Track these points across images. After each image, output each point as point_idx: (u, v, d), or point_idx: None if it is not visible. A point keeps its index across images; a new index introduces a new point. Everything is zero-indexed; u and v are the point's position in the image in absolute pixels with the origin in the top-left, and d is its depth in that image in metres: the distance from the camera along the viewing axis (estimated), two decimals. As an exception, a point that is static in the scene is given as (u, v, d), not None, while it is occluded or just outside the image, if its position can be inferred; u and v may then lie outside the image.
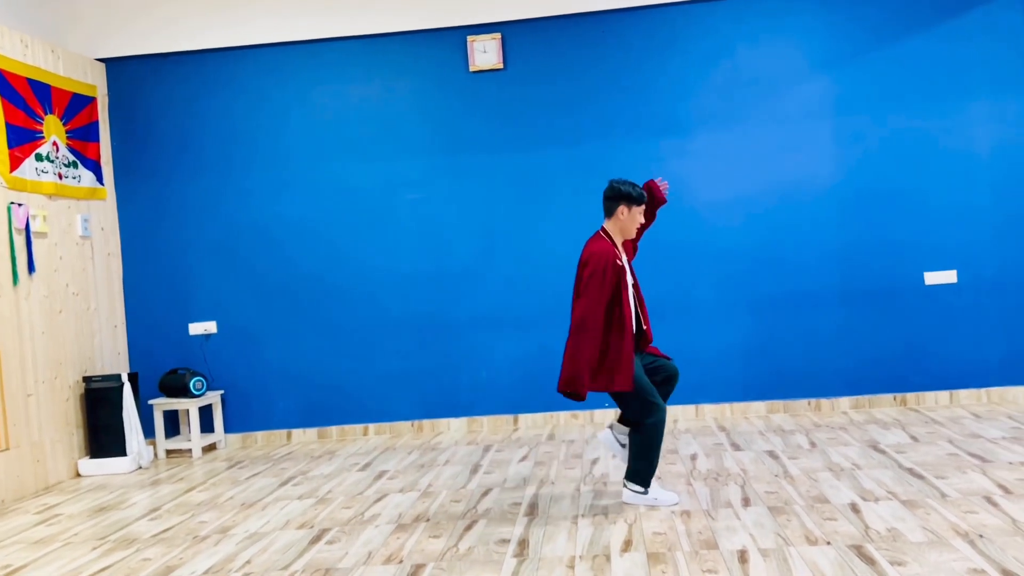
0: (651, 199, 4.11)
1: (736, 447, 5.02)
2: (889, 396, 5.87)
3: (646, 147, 5.99)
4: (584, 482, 4.46)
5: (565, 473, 4.67)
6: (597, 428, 5.87)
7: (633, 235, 4.03)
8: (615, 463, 4.81)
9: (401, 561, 3.45)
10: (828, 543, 3.27)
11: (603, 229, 4.04)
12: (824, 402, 5.92)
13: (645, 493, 3.95)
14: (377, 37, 6.13)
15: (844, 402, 5.91)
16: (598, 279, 3.82)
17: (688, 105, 5.97)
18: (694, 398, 6.00)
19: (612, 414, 6.04)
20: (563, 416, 6.06)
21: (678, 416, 6.00)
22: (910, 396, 5.85)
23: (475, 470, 4.91)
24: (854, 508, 3.68)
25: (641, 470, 3.94)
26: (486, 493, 4.39)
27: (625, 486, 3.99)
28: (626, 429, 4.06)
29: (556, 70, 6.03)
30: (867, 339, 5.88)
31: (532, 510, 4.02)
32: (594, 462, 4.88)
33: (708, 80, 5.97)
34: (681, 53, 5.97)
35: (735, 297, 5.97)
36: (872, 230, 5.87)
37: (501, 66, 6.02)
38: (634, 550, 3.37)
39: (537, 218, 6.07)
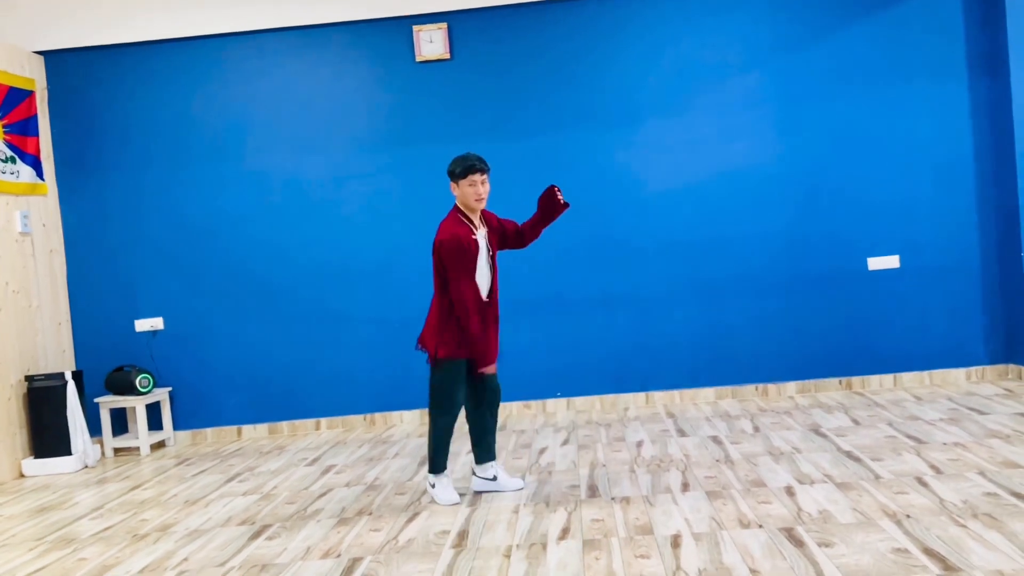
0: (551, 205, 4.04)
1: (682, 433, 5.07)
2: (835, 380, 5.95)
3: (594, 138, 6.01)
4: (530, 471, 4.47)
5: (511, 463, 4.69)
6: (549, 417, 5.90)
7: (475, 207, 3.97)
8: (563, 451, 4.84)
9: (339, 555, 3.44)
10: (760, 526, 3.32)
11: (455, 207, 4.04)
12: (771, 387, 6.00)
13: (433, 486, 4.07)
14: (322, 27, 6.07)
15: (791, 387, 5.99)
16: (454, 261, 3.87)
17: (635, 96, 6.00)
18: (644, 386, 6.05)
19: (555, 405, 6.07)
20: (515, 406, 6.08)
21: (628, 404, 6.05)
22: (855, 380, 5.94)
23: (424, 462, 4.90)
24: (789, 491, 3.74)
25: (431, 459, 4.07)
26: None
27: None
28: (487, 465, 4.13)
29: (503, 60, 6.02)
30: (812, 324, 5.97)
31: (476, 500, 4.03)
32: (542, 451, 4.90)
33: (654, 71, 5.99)
34: (627, 44, 5.99)
35: (683, 286, 6.02)
36: (815, 217, 5.94)
37: (448, 56, 6.00)
38: (571, 538, 3.39)
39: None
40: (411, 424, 6.08)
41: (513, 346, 6.02)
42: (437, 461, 4.05)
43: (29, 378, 5.59)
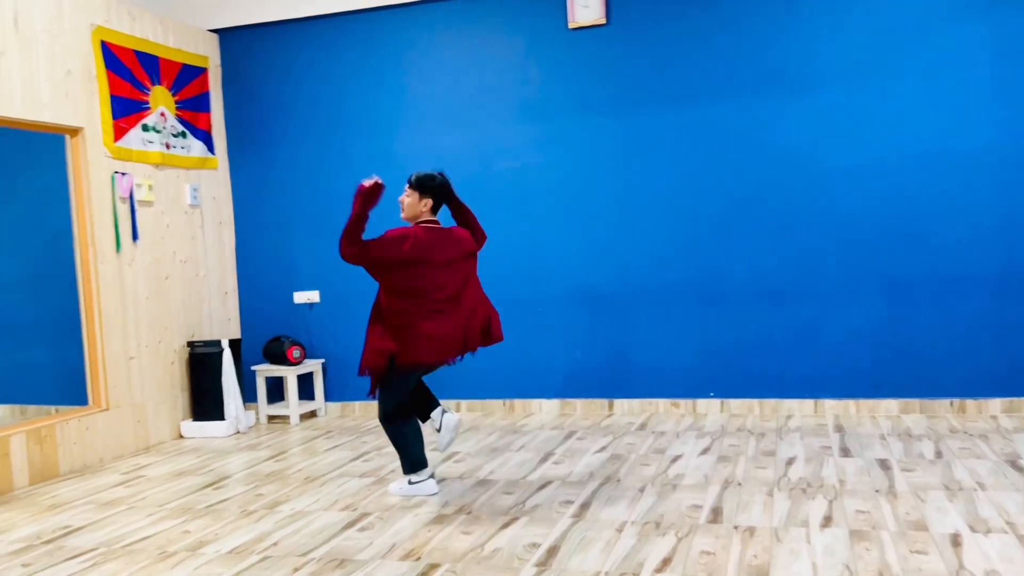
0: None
1: (845, 452, 4.38)
2: (1053, 400, 4.95)
3: (767, 105, 5.34)
4: (652, 483, 4.02)
5: (637, 471, 4.25)
6: (698, 419, 5.36)
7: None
8: (698, 461, 4.33)
9: (419, 558, 3.21)
10: (902, 585, 2.70)
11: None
12: (970, 403, 5.09)
13: (410, 484, 4.06)
14: (476, -4, 5.83)
15: (995, 404, 5.05)
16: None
17: (816, 57, 5.25)
18: (813, 392, 5.35)
19: (707, 406, 5.51)
20: (662, 403, 5.59)
21: (793, 411, 5.38)
22: (1080, 402, 4.91)
23: (545, 459, 4.58)
24: (955, 540, 3.05)
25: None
26: (544, 486, 4.07)
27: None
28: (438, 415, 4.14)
29: (665, 23, 5.48)
30: (1029, 332, 4.99)
31: (582, 511, 3.66)
32: (675, 459, 4.42)
33: (840, 28, 5.21)
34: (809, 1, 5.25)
35: (866, 278, 5.23)
36: (1039, 203, 4.94)
37: (604, 21, 5.55)
38: (670, 571, 2.94)
39: (640, 188, 5.57)
40: (549, 414, 5.77)
41: (659, 336, 5.53)
42: (412, 458, 4.11)
43: (191, 344, 5.85)
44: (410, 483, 4.04)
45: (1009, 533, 3.09)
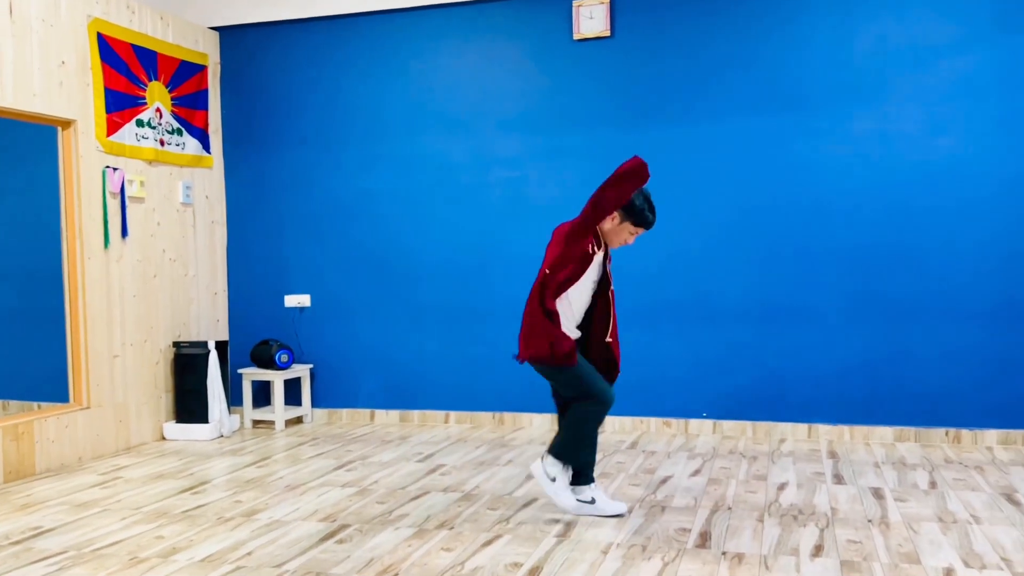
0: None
1: (838, 479, 4.29)
2: (1050, 434, 4.87)
3: (767, 125, 5.28)
4: (640, 504, 3.93)
5: (625, 491, 4.16)
6: (690, 439, 5.27)
7: (613, 244, 3.75)
8: (689, 483, 4.24)
9: (396, 575, 3.11)
10: (894, 622, 2.61)
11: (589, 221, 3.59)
12: (965, 433, 5.01)
13: (552, 480, 3.69)
14: (477, 4, 5.77)
15: (991, 435, 4.97)
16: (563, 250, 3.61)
17: (819, 78, 5.19)
18: (807, 416, 5.26)
19: (699, 427, 5.42)
20: (654, 422, 5.50)
21: (786, 435, 5.29)
22: (1077, 436, 4.83)
23: (533, 475, 4.48)
24: (948, 575, 2.96)
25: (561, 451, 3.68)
26: (529, 503, 3.97)
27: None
28: (556, 461, 3.69)
29: (669, 38, 5.42)
30: (1028, 363, 4.91)
31: (567, 530, 3.57)
32: (664, 480, 4.33)
33: (844, 50, 5.15)
34: (813, 17, 5.19)
35: (864, 303, 5.16)
36: (1042, 233, 4.87)
37: (608, 33, 5.49)
38: (654, 597, 2.85)
39: (640, 203, 5.49)
40: (539, 429, 5.67)
41: (652, 354, 5.45)
42: (581, 453, 3.69)
43: (177, 344, 5.75)
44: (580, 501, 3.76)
45: (1005, 570, 3.00)
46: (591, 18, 5.50)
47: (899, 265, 5.10)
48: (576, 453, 3.67)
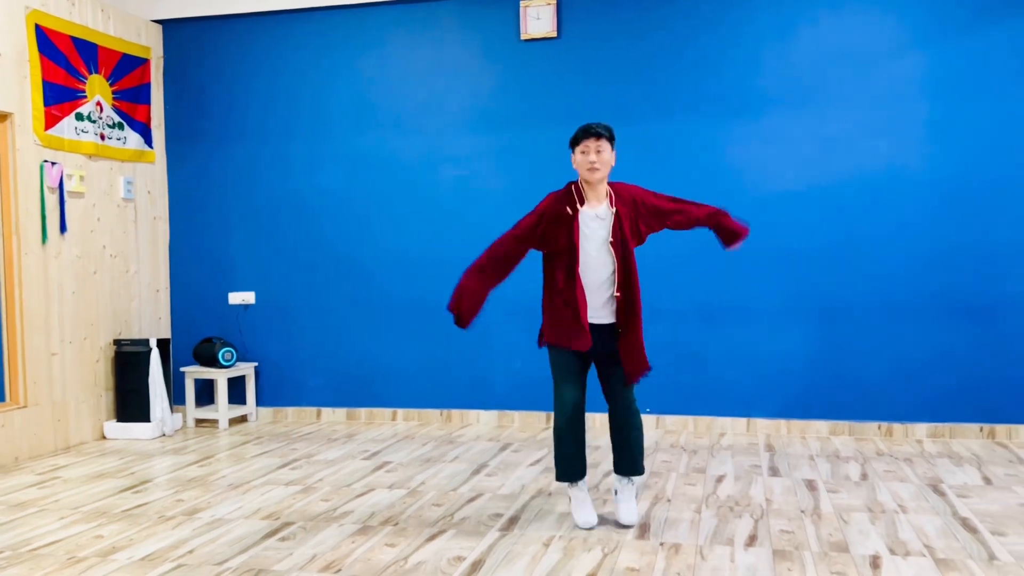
0: (730, 233, 3.94)
1: (774, 472, 4.42)
2: (975, 426, 5.07)
3: (710, 128, 5.39)
4: (583, 497, 3.99)
5: (569, 484, 4.22)
6: (633, 434, 5.36)
7: (588, 178, 3.53)
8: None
9: (339, 571, 3.13)
10: (821, 607, 2.72)
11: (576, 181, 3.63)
12: (897, 427, 5.19)
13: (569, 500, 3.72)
14: (427, 2, 5.78)
15: (921, 429, 5.16)
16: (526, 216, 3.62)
17: (760, 81, 5.33)
18: (746, 411, 5.40)
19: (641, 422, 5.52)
20: (599, 418, 5.58)
21: (726, 429, 5.42)
22: (1000, 428, 5.04)
23: (478, 471, 4.53)
24: (874, 563, 3.08)
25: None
26: (474, 499, 4.01)
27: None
28: (616, 478, 3.69)
29: (614, 40, 5.51)
30: (957, 359, 5.10)
31: (510, 524, 3.62)
32: (607, 474, 4.41)
33: (786, 53, 5.30)
34: (755, 21, 5.32)
35: (801, 301, 5.31)
36: (968, 232, 5.07)
37: (555, 34, 5.55)
38: (593, 588, 2.92)
39: (585, 202, 5.57)
40: (487, 426, 5.72)
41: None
42: (558, 468, 3.63)
43: (117, 342, 5.66)
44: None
45: (927, 556, 3.13)
46: (538, 19, 5.55)
47: (835, 265, 5.26)
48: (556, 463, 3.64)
